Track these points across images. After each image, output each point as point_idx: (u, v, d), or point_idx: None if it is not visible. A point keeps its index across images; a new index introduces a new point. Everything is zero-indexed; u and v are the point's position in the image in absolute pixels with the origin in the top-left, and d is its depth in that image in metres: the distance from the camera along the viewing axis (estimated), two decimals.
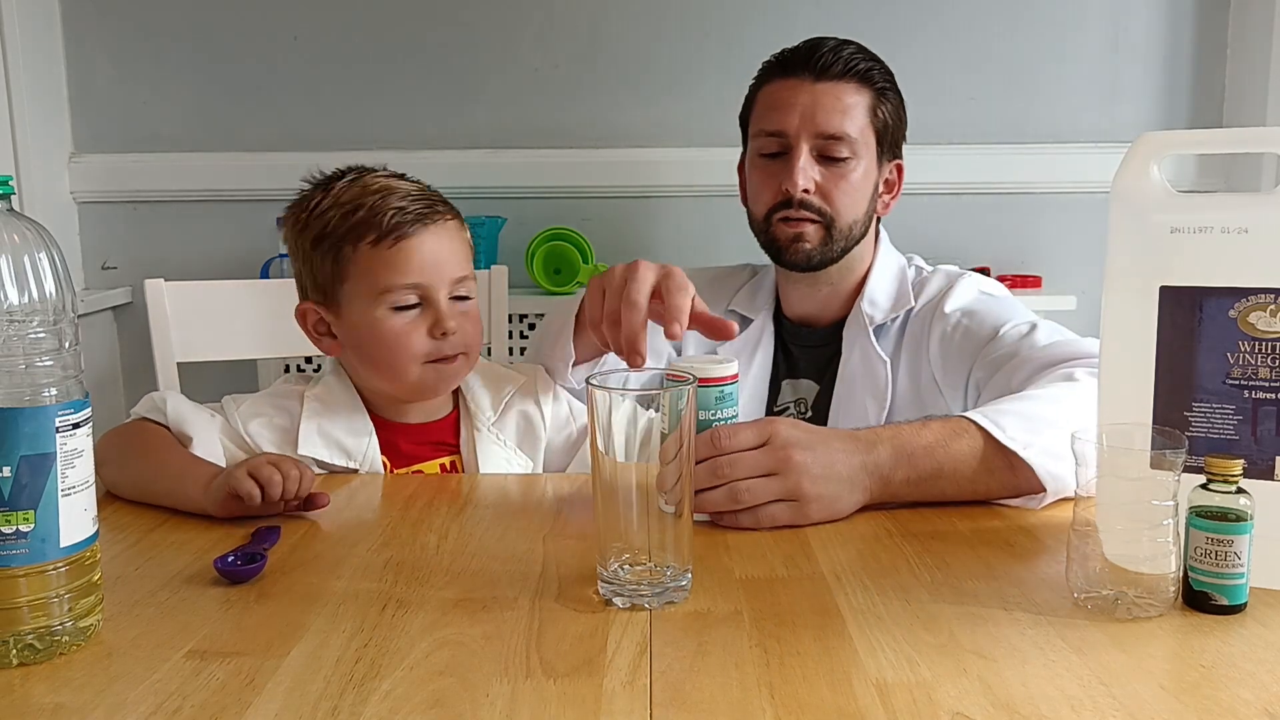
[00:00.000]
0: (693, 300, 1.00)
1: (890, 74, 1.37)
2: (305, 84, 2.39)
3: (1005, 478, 0.96)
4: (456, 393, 1.22)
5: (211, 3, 2.37)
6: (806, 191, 1.30)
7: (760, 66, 1.39)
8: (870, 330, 1.34)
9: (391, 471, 1.17)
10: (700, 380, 0.90)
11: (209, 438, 1.10)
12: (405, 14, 2.37)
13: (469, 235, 1.17)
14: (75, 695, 0.63)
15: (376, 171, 1.14)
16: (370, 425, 1.16)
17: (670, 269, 1.02)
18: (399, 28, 2.37)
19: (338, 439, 1.14)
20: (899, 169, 1.41)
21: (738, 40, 2.33)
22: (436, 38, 2.38)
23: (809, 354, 1.42)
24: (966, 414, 0.98)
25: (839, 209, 1.32)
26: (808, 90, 1.31)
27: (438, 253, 1.10)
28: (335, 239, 1.09)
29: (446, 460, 1.20)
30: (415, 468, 1.19)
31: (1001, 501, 0.98)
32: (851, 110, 1.31)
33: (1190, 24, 2.37)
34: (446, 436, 1.21)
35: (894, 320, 1.36)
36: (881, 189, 1.39)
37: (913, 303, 1.35)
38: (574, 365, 1.21)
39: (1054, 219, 2.40)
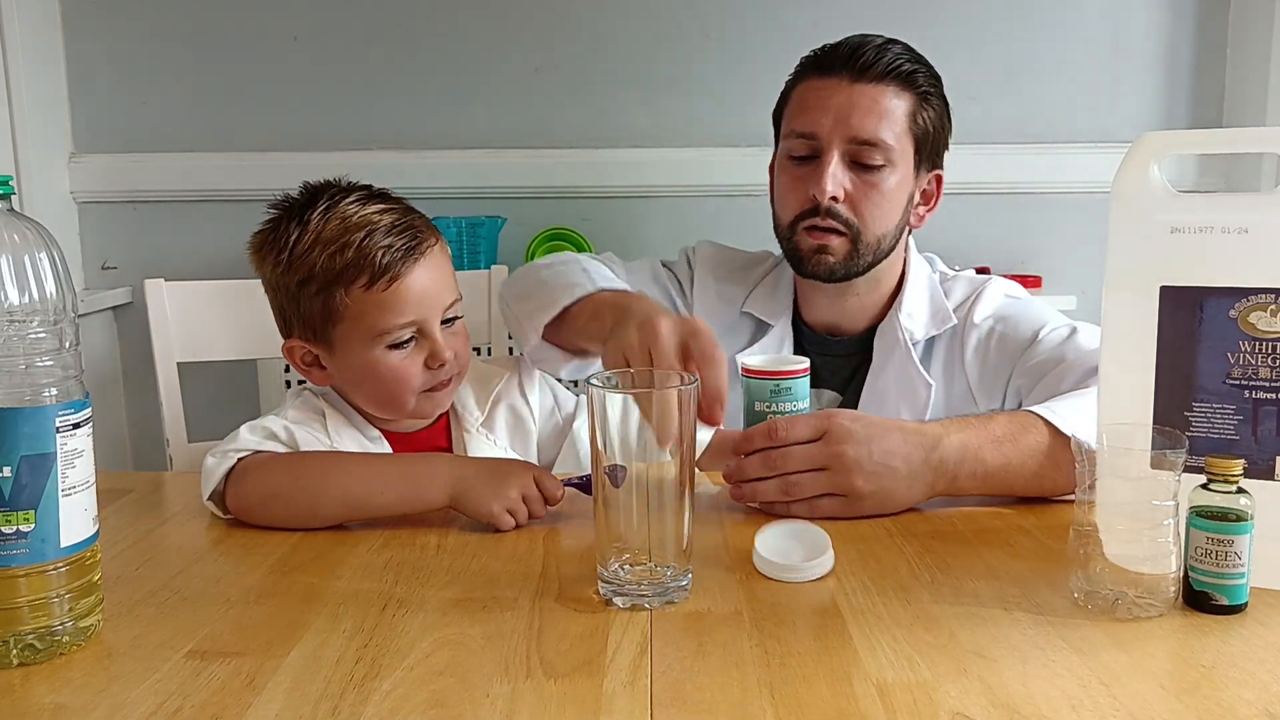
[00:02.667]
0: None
1: (936, 78, 1.29)
2: (305, 84, 2.39)
3: (1071, 473, 0.95)
4: None
5: (211, 3, 2.37)
6: (835, 199, 1.23)
7: (798, 62, 1.32)
8: (911, 348, 1.29)
9: None
10: (751, 372, 0.95)
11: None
12: (405, 14, 2.37)
13: (449, 250, 1.16)
14: (75, 695, 0.63)
15: (348, 194, 1.09)
16: (379, 434, 1.16)
17: (695, 326, 0.93)
18: (399, 28, 2.37)
19: (364, 447, 1.13)
20: (938, 180, 1.34)
21: (738, 40, 2.33)
22: (436, 38, 2.38)
23: (832, 363, 1.35)
24: (1031, 409, 0.98)
25: (867, 221, 1.25)
26: (844, 91, 1.24)
27: (428, 287, 1.09)
28: (324, 281, 1.06)
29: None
30: None
31: (1065, 499, 0.97)
32: (889, 115, 1.24)
33: (1190, 24, 2.37)
34: (439, 441, 1.21)
35: (927, 335, 1.30)
36: (918, 200, 1.32)
37: (954, 320, 1.29)
38: (534, 345, 1.20)
39: (1054, 219, 2.40)
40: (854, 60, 1.24)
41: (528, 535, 0.92)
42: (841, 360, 1.35)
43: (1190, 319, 0.77)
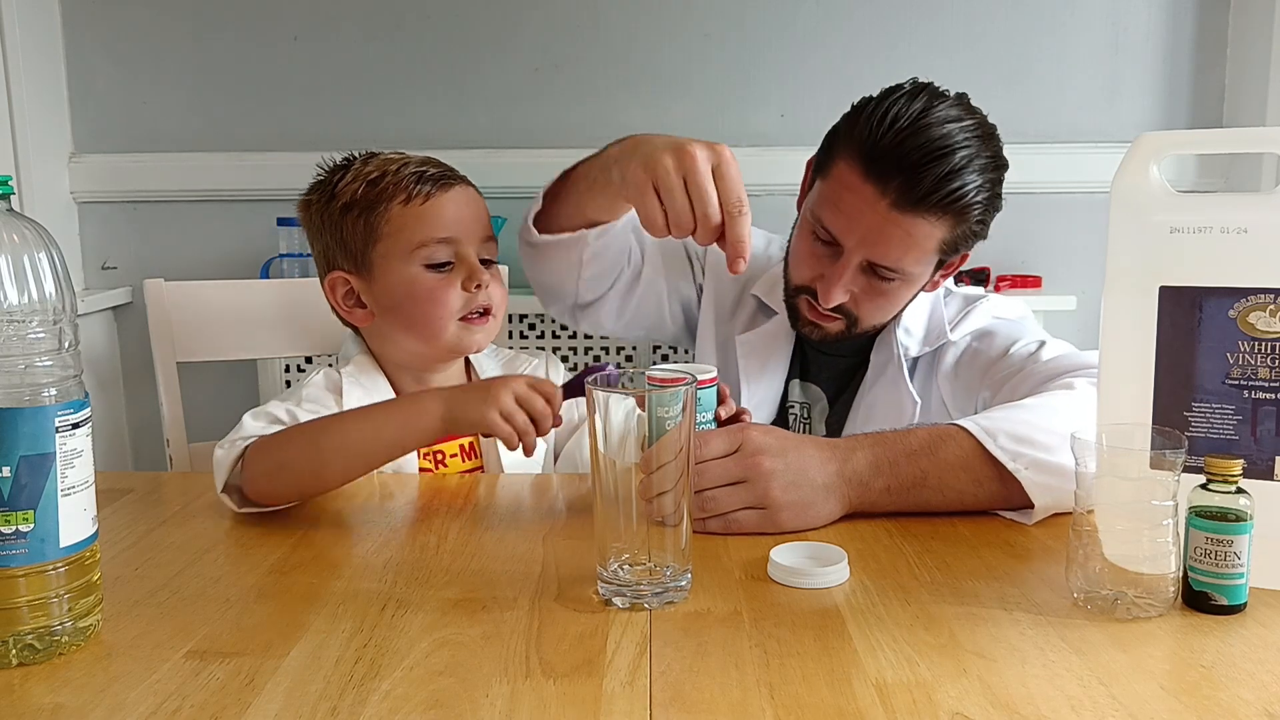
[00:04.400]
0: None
1: (996, 202, 1.18)
2: (305, 84, 2.39)
3: (993, 489, 0.92)
4: (469, 373, 1.24)
5: (211, 3, 2.37)
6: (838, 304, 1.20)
7: (856, 118, 1.14)
8: (904, 365, 1.26)
9: (418, 450, 1.16)
10: (660, 381, 0.88)
11: None
12: (405, 14, 2.37)
13: (486, 205, 1.20)
14: (75, 695, 0.63)
15: (386, 152, 1.18)
16: None
17: (720, 153, 0.89)
18: (399, 28, 2.37)
19: None
20: (963, 257, 1.25)
21: (738, 40, 2.33)
22: (436, 38, 2.38)
23: (827, 361, 1.34)
24: (957, 421, 0.95)
25: (868, 316, 1.22)
26: (881, 213, 1.11)
27: (464, 211, 1.15)
28: (366, 203, 1.13)
29: (465, 441, 1.22)
30: (437, 447, 1.19)
31: (993, 512, 0.95)
32: (919, 245, 1.14)
33: (1190, 24, 2.37)
34: None
35: (922, 352, 1.28)
36: (938, 275, 1.25)
37: (948, 336, 1.25)
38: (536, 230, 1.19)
39: (1054, 219, 2.40)
40: (909, 183, 1.09)
41: (527, 535, 0.92)
42: (836, 360, 1.33)
43: (1190, 319, 0.77)
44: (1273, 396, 0.75)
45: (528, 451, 0.96)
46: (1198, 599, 0.73)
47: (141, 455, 2.50)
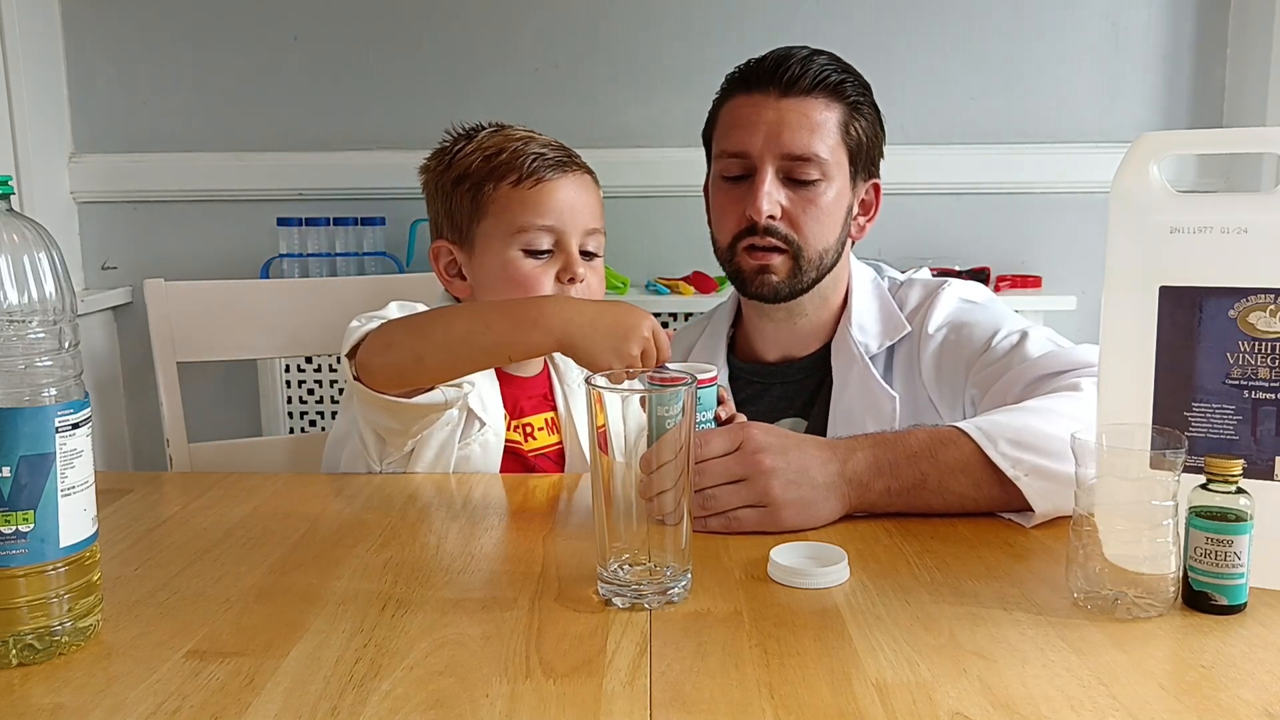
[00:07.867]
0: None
1: (866, 87, 1.27)
2: (305, 84, 2.39)
3: (993, 493, 0.92)
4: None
5: (211, 3, 2.37)
6: (772, 218, 1.21)
7: (724, 79, 1.30)
8: (869, 361, 1.26)
9: (510, 423, 1.18)
10: (660, 380, 0.88)
11: None
12: (405, 14, 2.37)
13: (601, 193, 1.22)
14: (75, 695, 0.63)
15: (516, 126, 1.20)
16: (494, 375, 1.18)
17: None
18: (399, 28, 2.38)
19: (478, 385, 1.14)
20: (876, 189, 1.31)
21: (738, 40, 2.33)
22: (436, 38, 2.38)
23: (790, 389, 1.32)
24: (958, 424, 0.95)
25: (807, 236, 1.22)
26: (773, 106, 1.21)
27: (574, 200, 1.16)
28: (477, 178, 1.14)
29: (549, 415, 1.24)
30: (526, 420, 1.21)
31: (992, 513, 0.95)
32: (821, 127, 1.21)
33: (1190, 24, 2.37)
34: (546, 390, 1.24)
35: (882, 347, 1.27)
36: (857, 211, 1.29)
37: (907, 328, 1.26)
38: None
39: (1054, 219, 2.40)
40: (780, 74, 1.21)
41: (527, 535, 0.92)
42: (798, 385, 1.32)
43: (1190, 319, 0.77)
44: (1273, 396, 0.75)
45: None
46: (1198, 599, 0.73)
47: (141, 455, 2.50)
